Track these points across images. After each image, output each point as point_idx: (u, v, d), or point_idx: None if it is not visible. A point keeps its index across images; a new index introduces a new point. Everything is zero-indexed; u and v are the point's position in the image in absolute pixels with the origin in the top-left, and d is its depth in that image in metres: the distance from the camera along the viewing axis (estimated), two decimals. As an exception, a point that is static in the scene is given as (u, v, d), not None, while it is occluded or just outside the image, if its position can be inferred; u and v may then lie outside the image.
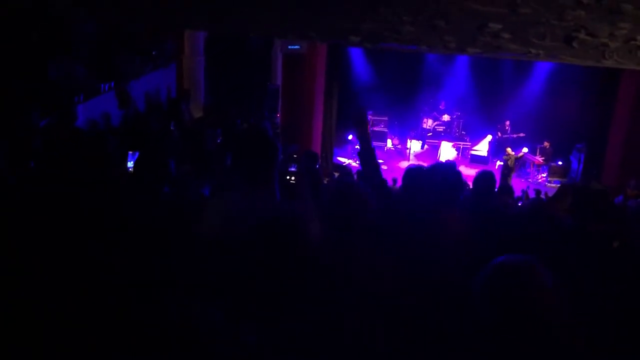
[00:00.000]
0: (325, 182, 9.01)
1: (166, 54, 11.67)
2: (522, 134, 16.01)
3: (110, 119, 7.83)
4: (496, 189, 5.32)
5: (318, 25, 4.13)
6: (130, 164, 4.08)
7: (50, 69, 7.47)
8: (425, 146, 17.53)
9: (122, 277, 2.00)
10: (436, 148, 17.08)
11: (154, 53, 10.98)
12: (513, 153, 14.57)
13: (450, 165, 3.36)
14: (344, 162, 16.71)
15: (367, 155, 3.43)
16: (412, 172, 3.57)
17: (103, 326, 1.59)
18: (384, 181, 3.45)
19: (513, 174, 14.73)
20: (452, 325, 2.17)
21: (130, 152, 4.33)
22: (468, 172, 13.45)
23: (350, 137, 17.13)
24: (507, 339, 1.65)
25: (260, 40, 13.55)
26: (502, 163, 14.99)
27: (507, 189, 5.99)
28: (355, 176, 8.38)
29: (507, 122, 16.52)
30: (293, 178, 4.31)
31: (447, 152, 16.87)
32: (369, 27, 3.76)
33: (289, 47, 14.41)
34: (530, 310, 1.64)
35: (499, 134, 16.58)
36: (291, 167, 5.24)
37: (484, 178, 4.37)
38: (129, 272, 2.05)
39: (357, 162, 13.86)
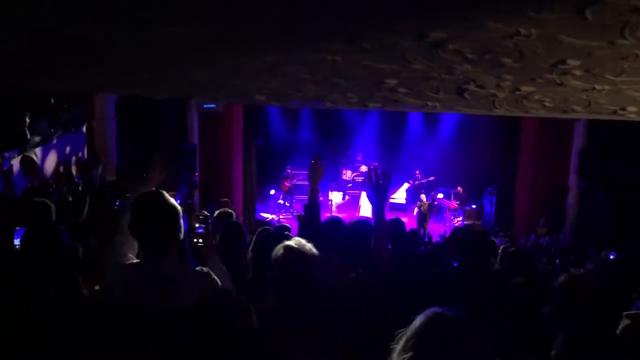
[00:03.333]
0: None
1: (76, 117, 11.33)
2: (432, 178, 16.64)
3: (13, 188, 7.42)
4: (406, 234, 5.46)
5: (224, 86, 4.18)
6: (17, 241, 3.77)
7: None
8: (347, 197, 17.79)
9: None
10: (357, 198, 17.36)
11: (63, 119, 10.63)
12: (425, 200, 15.06)
13: (365, 221, 3.43)
14: (267, 218, 16.62)
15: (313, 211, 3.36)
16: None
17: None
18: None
19: (429, 219, 15.19)
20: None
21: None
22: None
23: (272, 191, 17.11)
24: None
25: (175, 100, 13.45)
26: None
27: (413, 233, 6.18)
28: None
29: (417, 171, 17.24)
30: (200, 240, 4.23)
31: (367, 201, 17.18)
32: (273, 87, 3.85)
33: (205, 106, 14.33)
34: None
35: (411, 181, 17.21)
36: (199, 228, 5.13)
37: (392, 226, 4.52)
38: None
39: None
